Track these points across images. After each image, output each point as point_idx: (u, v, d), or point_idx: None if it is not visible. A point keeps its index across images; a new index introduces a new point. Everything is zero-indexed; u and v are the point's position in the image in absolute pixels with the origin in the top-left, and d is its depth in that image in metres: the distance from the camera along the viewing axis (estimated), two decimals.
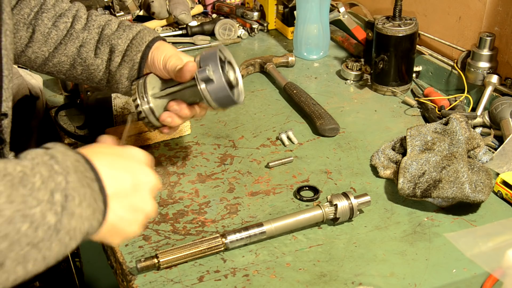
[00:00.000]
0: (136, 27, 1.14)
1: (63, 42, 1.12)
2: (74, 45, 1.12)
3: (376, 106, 1.50)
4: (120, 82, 1.12)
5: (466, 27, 1.49)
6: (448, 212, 1.11)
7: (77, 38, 1.12)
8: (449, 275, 0.97)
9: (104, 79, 1.14)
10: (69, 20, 1.13)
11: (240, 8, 1.99)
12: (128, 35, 1.12)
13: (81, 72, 1.14)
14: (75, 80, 1.18)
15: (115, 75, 1.12)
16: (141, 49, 1.10)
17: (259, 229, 1.03)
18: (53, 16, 1.12)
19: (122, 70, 1.11)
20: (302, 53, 1.77)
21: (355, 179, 1.22)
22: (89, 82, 1.17)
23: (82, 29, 1.13)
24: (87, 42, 1.12)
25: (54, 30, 1.11)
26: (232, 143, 1.35)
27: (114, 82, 1.13)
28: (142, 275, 0.98)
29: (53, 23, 1.12)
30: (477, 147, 1.21)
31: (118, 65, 1.11)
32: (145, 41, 1.11)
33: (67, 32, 1.12)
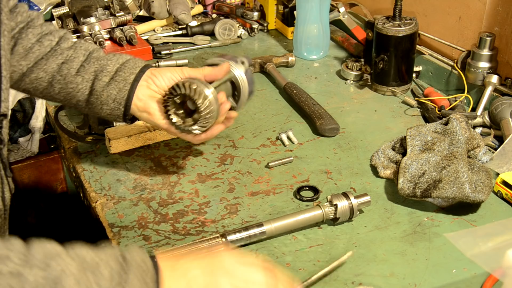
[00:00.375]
0: (127, 56, 1.12)
1: (45, 57, 1.08)
2: (56, 61, 1.08)
3: (376, 106, 1.50)
4: (106, 103, 1.08)
5: (466, 27, 1.49)
6: (448, 212, 1.11)
7: (61, 55, 1.08)
8: (449, 275, 0.97)
9: (83, 100, 1.10)
10: (54, 39, 1.10)
11: (240, 8, 1.99)
12: (118, 59, 1.10)
13: (59, 91, 1.09)
14: (53, 100, 1.13)
15: (101, 96, 1.08)
16: (135, 72, 1.08)
17: (259, 229, 1.03)
18: (39, 33, 1.09)
19: (110, 90, 1.07)
20: (302, 53, 1.77)
21: (355, 179, 1.22)
22: (67, 102, 1.12)
23: (68, 47, 1.10)
24: (71, 59, 1.08)
25: (37, 45, 1.08)
26: (232, 143, 1.35)
27: (98, 103, 1.08)
28: None
29: (38, 39, 1.08)
30: (477, 147, 1.21)
31: (105, 85, 1.07)
32: (138, 66, 1.09)
33: (51, 49, 1.08)
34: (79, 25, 1.80)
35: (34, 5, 1.91)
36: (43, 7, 1.93)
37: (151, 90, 1.09)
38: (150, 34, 1.90)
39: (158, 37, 1.88)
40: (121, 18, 1.84)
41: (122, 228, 1.09)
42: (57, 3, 1.96)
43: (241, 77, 1.16)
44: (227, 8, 2.02)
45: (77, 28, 1.80)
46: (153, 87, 1.09)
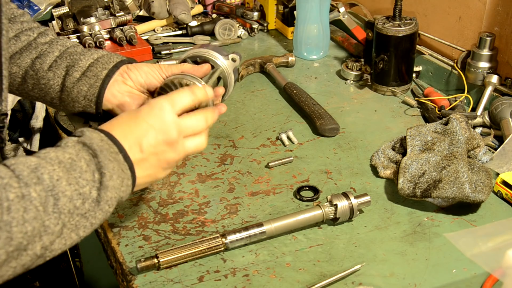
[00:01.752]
0: (103, 51, 1.08)
1: (19, 52, 1.04)
2: (30, 55, 1.04)
3: (376, 106, 1.50)
4: (77, 100, 1.04)
5: (466, 27, 1.49)
6: (448, 212, 1.11)
7: (35, 49, 1.04)
8: (449, 275, 0.97)
9: (56, 98, 1.05)
10: (33, 34, 1.06)
11: (240, 8, 1.99)
12: (93, 54, 1.05)
13: (32, 87, 1.05)
14: (30, 98, 1.09)
15: (72, 92, 1.03)
16: (108, 67, 1.03)
17: (259, 229, 1.03)
18: (18, 28, 1.06)
19: (80, 86, 1.03)
20: (302, 53, 1.77)
21: (355, 179, 1.22)
22: (42, 100, 1.08)
23: (44, 42, 1.05)
24: (44, 54, 1.04)
25: (14, 40, 1.04)
26: (232, 143, 1.35)
27: (69, 100, 1.04)
28: (142, 275, 0.98)
29: (16, 34, 1.05)
30: (477, 147, 1.21)
31: (76, 81, 1.03)
32: (112, 61, 1.04)
33: (27, 44, 1.05)
34: (79, 25, 1.80)
35: (34, 5, 1.91)
36: (43, 7, 1.93)
37: (128, 86, 1.04)
38: (150, 34, 1.90)
39: (158, 37, 1.88)
40: (121, 18, 1.84)
41: (122, 228, 1.09)
42: (57, 3, 1.97)
43: (228, 72, 1.14)
44: (227, 8, 2.02)
45: (77, 28, 1.80)
46: (130, 83, 1.04)
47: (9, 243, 0.68)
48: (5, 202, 0.68)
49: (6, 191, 0.68)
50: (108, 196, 0.78)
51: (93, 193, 0.77)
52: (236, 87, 1.60)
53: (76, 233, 0.76)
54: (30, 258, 0.72)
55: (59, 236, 0.74)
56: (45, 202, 0.71)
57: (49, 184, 0.72)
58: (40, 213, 0.70)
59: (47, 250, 0.73)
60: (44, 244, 0.72)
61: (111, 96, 1.04)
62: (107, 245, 1.09)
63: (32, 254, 0.71)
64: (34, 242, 0.71)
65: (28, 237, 0.69)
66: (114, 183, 0.79)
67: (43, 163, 0.74)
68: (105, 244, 1.11)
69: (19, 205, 0.68)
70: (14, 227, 0.68)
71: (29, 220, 0.69)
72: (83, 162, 0.77)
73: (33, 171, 0.72)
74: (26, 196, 0.69)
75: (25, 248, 0.70)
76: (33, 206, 0.70)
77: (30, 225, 0.69)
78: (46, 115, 1.72)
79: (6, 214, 0.67)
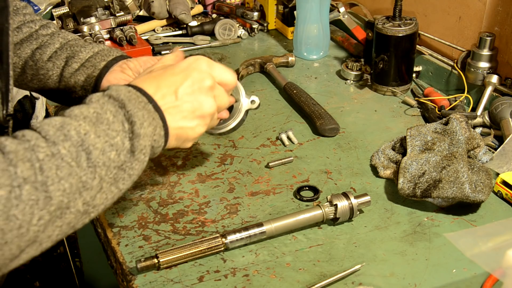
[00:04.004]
0: (104, 46, 1.08)
1: (20, 42, 1.04)
2: (30, 46, 1.04)
3: (376, 106, 1.50)
4: (74, 90, 1.04)
5: (466, 27, 1.49)
6: (448, 212, 1.11)
7: (36, 40, 1.05)
8: (449, 275, 0.97)
9: (55, 89, 1.06)
10: (35, 26, 1.06)
11: (240, 8, 1.99)
12: (93, 48, 1.06)
13: (31, 77, 1.06)
14: (28, 88, 1.09)
15: (69, 82, 1.04)
16: (107, 59, 1.04)
17: (259, 229, 1.03)
18: (21, 20, 1.06)
19: (78, 76, 1.03)
20: (302, 53, 1.77)
21: (355, 179, 1.22)
22: (40, 91, 1.09)
23: (46, 34, 1.06)
24: (45, 45, 1.04)
25: (16, 32, 1.04)
26: (232, 143, 1.35)
27: (67, 90, 1.05)
28: (142, 275, 0.98)
29: (18, 26, 1.05)
30: (477, 147, 1.21)
31: (74, 71, 1.03)
32: (112, 55, 1.05)
33: (29, 35, 1.05)
34: (79, 25, 1.80)
35: (34, 5, 1.91)
36: (43, 7, 1.93)
37: (125, 74, 1.04)
38: (150, 34, 1.90)
39: (158, 37, 1.88)
40: (121, 18, 1.84)
41: (122, 228, 1.09)
42: (57, 3, 1.97)
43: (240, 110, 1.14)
44: (227, 8, 2.02)
45: (77, 28, 1.80)
46: (128, 72, 1.04)
47: (49, 202, 0.67)
48: (36, 162, 0.67)
49: (35, 152, 0.68)
50: (142, 144, 0.78)
51: (126, 143, 0.76)
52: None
53: (116, 186, 0.76)
54: (74, 216, 0.72)
55: (99, 191, 0.74)
56: (76, 157, 0.71)
57: (77, 139, 0.72)
58: (74, 169, 0.70)
59: (90, 206, 0.73)
60: (86, 200, 0.72)
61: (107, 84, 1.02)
62: (107, 245, 1.09)
63: (75, 212, 0.71)
64: (75, 199, 0.70)
65: (68, 194, 0.69)
66: (145, 131, 0.79)
67: (67, 120, 0.73)
68: (105, 244, 1.11)
69: (50, 163, 0.68)
70: (51, 186, 0.67)
71: (64, 177, 0.69)
72: (109, 113, 0.76)
73: (59, 129, 0.72)
74: (56, 154, 0.69)
75: (67, 206, 0.70)
76: (66, 162, 0.69)
77: (67, 182, 0.69)
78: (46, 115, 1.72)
79: (39, 174, 0.67)
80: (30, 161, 0.67)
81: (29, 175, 0.66)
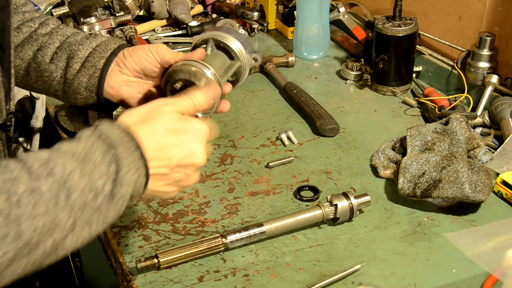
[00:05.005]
0: (103, 37, 1.06)
1: (21, 44, 1.04)
2: (31, 48, 1.04)
3: (376, 106, 1.50)
4: (78, 92, 1.03)
5: (466, 27, 1.49)
6: (448, 212, 1.11)
7: (36, 41, 1.04)
8: (449, 275, 0.97)
9: (59, 90, 1.05)
10: (35, 25, 1.05)
11: (240, 8, 1.98)
12: (91, 43, 1.04)
13: (36, 79, 1.05)
14: (34, 90, 1.09)
15: (73, 84, 1.03)
16: (105, 56, 1.02)
17: (259, 229, 1.03)
18: (20, 19, 1.05)
19: (80, 77, 1.02)
20: (302, 53, 1.77)
21: (355, 179, 1.22)
22: (46, 92, 1.08)
23: (45, 34, 1.05)
24: (45, 46, 1.03)
25: (16, 32, 1.04)
26: (232, 143, 1.35)
27: (71, 92, 1.04)
28: (142, 275, 0.98)
29: (18, 26, 1.04)
30: (477, 147, 1.21)
31: (76, 72, 1.02)
32: (110, 48, 1.03)
33: (29, 36, 1.04)
34: (79, 25, 1.80)
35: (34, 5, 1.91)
36: (43, 7, 1.93)
37: (124, 75, 1.03)
38: (150, 34, 1.90)
39: (158, 37, 1.88)
40: (121, 18, 1.84)
41: (122, 228, 1.09)
42: (57, 3, 1.97)
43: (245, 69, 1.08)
44: (227, 8, 2.02)
45: (77, 28, 1.80)
46: (126, 71, 1.03)
47: (18, 239, 0.66)
48: (14, 196, 0.66)
49: (15, 184, 0.66)
50: (123, 191, 0.76)
51: (107, 187, 0.74)
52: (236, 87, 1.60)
53: (89, 228, 0.74)
54: (41, 256, 0.70)
55: (71, 232, 0.72)
56: (56, 196, 0.69)
57: (61, 177, 0.70)
58: (51, 208, 0.68)
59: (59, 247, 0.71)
60: (56, 240, 0.70)
61: (109, 88, 1.03)
62: (107, 245, 1.09)
63: (42, 251, 0.69)
64: (45, 238, 0.69)
65: (39, 233, 0.67)
66: (130, 179, 0.77)
67: (55, 155, 0.72)
68: (105, 244, 1.11)
69: (29, 199, 0.67)
70: (24, 222, 0.66)
71: (39, 215, 0.67)
72: (98, 154, 0.74)
73: (45, 164, 0.70)
74: (36, 190, 0.68)
75: (35, 244, 0.68)
76: (44, 200, 0.68)
77: (41, 220, 0.67)
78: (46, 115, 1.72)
79: (15, 208, 0.65)
80: (8, 193, 0.65)
81: (4, 207, 0.65)
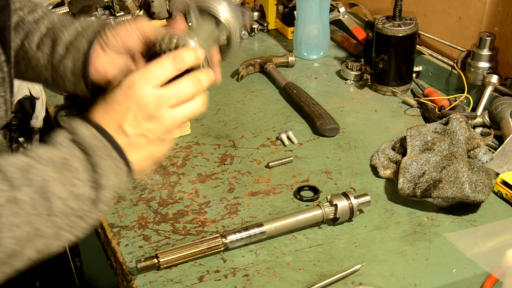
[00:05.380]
0: (89, 21, 1.01)
1: None
2: (18, 36, 1.00)
3: (376, 106, 1.50)
4: (65, 77, 0.98)
5: (466, 27, 1.49)
6: (448, 212, 1.11)
7: (23, 29, 1.00)
8: (449, 275, 0.97)
9: (49, 77, 1.01)
10: (23, 13, 1.02)
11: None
12: (76, 27, 0.98)
13: (25, 68, 1.01)
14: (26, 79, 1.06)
15: (59, 69, 0.98)
16: (89, 38, 0.96)
17: (259, 229, 1.03)
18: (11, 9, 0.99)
19: (65, 62, 0.97)
20: (302, 53, 1.76)
21: (355, 179, 1.22)
22: (37, 80, 1.05)
23: (32, 21, 1.01)
24: (31, 33, 0.99)
25: None
26: (232, 143, 1.35)
27: (59, 78, 0.99)
28: (142, 275, 0.98)
29: None
30: (477, 147, 1.21)
31: (61, 57, 0.98)
32: (94, 30, 0.97)
33: (16, 24, 1.01)
34: None
35: None
36: None
37: (108, 57, 0.96)
38: None
39: None
40: (121, 18, 1.84)
41: (122, 228, 1.09)
42: (57, 3, 1.96)
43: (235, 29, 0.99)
44: None
45: None
46: (109, 53, 0.97)
47: None
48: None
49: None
50: (106, 196, 0.76)
51: (91, 194, 0.74)
52: (236, 87, 1.60)
53: (73, 234, 0.74)
54: (24, 263, 0.70)
55: (56, 239, 0.71)
56: (37, 205, 0.68)
57: (40, 186, 0.69)
58: (32, 217, 0.68)
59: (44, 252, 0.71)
60: (39, 248, 0.70)
61: (95, 72, 0.98)
62: (107, 245, 1.09)
63: (25, 259, 0.69)
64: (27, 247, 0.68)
65: (20, 242, 0.67)
66: (111, 183, 0.76)
67: (34, 163, 0.71)
68: (105, 244, 1.11)
69: (8, 209, 0.66)
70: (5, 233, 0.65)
71: (20, 225, 0.67)
72: (77, 161, 0.73)
73: (24, 173, 0.69)
74: (16, 200, 0.67)
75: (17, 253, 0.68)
76: (24, 210, 0.67)
77: (22, 230, 0.67)
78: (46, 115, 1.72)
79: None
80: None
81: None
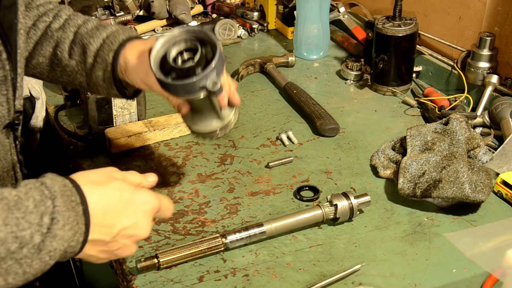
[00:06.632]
0: (112, 27, 1.06)
1: (40, 42, 1.05)
2: (49, 45, 1.05)
3: (376, 106, 1.50)
4: (98, 84, 1.04)
5: (466, 27, 1.49)
6: (448, 212, 1.11)
7: (52, 38, 1.05)
8: (449, 275, 0.97)
9: (84, 82, 1.07)
10: (49, 19, 1.06)
11: (240, 8, 1.99)
12: (101, 33, 1.04)
13: (61, 74, 1.07)
14: (61, 83, 1.11)
15: (92, 77, 1.04)
16: (114, 48, 1.01)
17: (259, 229, 1.03)
18: (35, 15, 1.06)
19: (96, 72, 1.03)
20: (302, 53, 1.77)
21: (355, 179, 1.22)
22: (72, 85, 1.09)
23: (58, 28, 1.06)
24: (61, 41, 1.05)
25: (33, 29, 1.05)
26: (232, 143, 1.35)
27: (93, 84, 1.06)
28: (142, 275, 0.98)
29: (34, 22, 1.05)
30: (477, 147, 1.21)
31: (91, 66, 1.03)
32: (118, 40, 1.02)
33: (44, 32, 1.05)
34: None
35: None
36: None
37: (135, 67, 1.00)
38: (150, 34, 1.90)
39: None
40: (121, 18, 1.84)
41: None
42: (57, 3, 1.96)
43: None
44: (227, 8, 2.02)
45: None
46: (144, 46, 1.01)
47: None
48: None
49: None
50: (54, 246, 0.70)
51: (36, 238, 0.68)
52: None
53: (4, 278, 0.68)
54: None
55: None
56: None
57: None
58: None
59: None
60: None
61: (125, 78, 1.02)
62: None
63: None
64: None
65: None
66: (64, 234, 0.71)
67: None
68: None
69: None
70: None
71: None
72: (31, 202, 0.69)
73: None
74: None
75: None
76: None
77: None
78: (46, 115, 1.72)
79: None
80: None
81: None
